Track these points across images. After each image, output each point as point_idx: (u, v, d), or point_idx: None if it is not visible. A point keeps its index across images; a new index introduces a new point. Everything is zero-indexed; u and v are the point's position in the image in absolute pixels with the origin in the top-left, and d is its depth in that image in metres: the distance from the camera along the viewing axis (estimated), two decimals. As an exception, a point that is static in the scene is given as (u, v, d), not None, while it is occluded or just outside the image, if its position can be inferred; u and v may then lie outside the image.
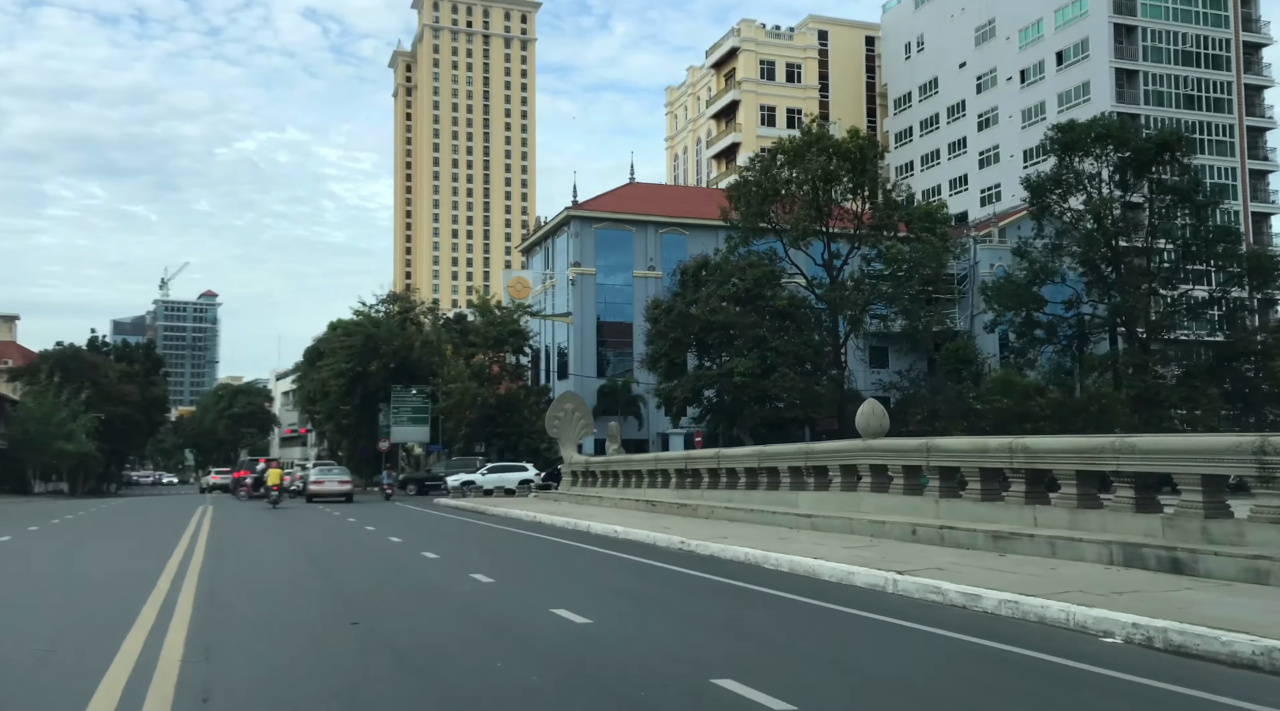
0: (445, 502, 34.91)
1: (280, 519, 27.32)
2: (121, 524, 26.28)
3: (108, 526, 25.14)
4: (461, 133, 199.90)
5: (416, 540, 18.90)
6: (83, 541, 19.33)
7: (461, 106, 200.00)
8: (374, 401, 54.49)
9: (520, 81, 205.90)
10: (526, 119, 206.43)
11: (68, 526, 24.58)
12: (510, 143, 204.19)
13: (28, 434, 58.42)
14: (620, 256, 60.00)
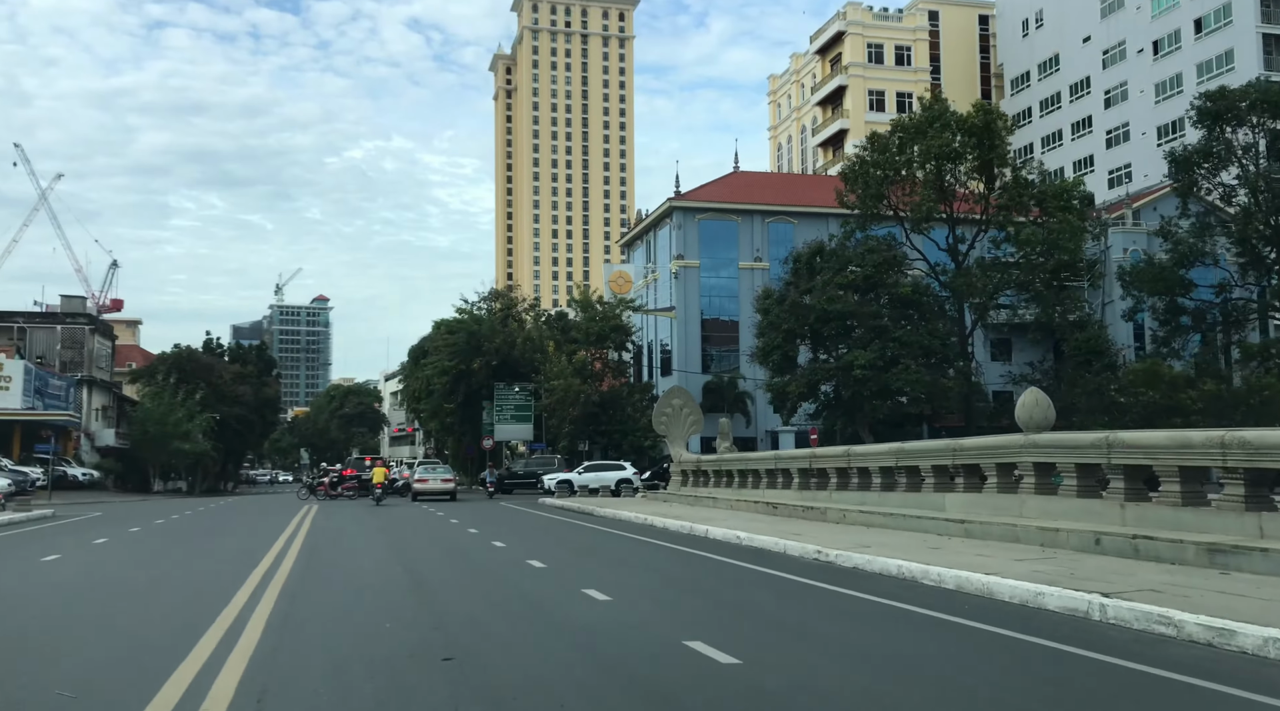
0: (550, 503, 33.56)
1: (382, 519, 26.32)
2: (224, 524, 25.63)
3: (210, 527, 24.47)
4: (561, 133, 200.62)
5: (521, 545, 17.37)
6: (177, 545, 18.44)
7: (560, 106, 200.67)
8: (477, 399, 53.77)
9: (619, 79, 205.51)
10: (625, 117, 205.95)
11: (170, 527, 23.98)
12: (609, 141, 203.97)
13: (147, 434, 59.74)
14: (725, 248, 58.00)
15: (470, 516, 26.84)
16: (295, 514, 28.58)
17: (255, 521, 26.09)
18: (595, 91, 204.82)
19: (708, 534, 18.90)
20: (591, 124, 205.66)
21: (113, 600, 10.86)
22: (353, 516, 27.51)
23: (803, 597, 10.93)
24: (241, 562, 13.84)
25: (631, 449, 49.79)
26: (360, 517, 26.73)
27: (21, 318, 61.49)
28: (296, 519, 25.78)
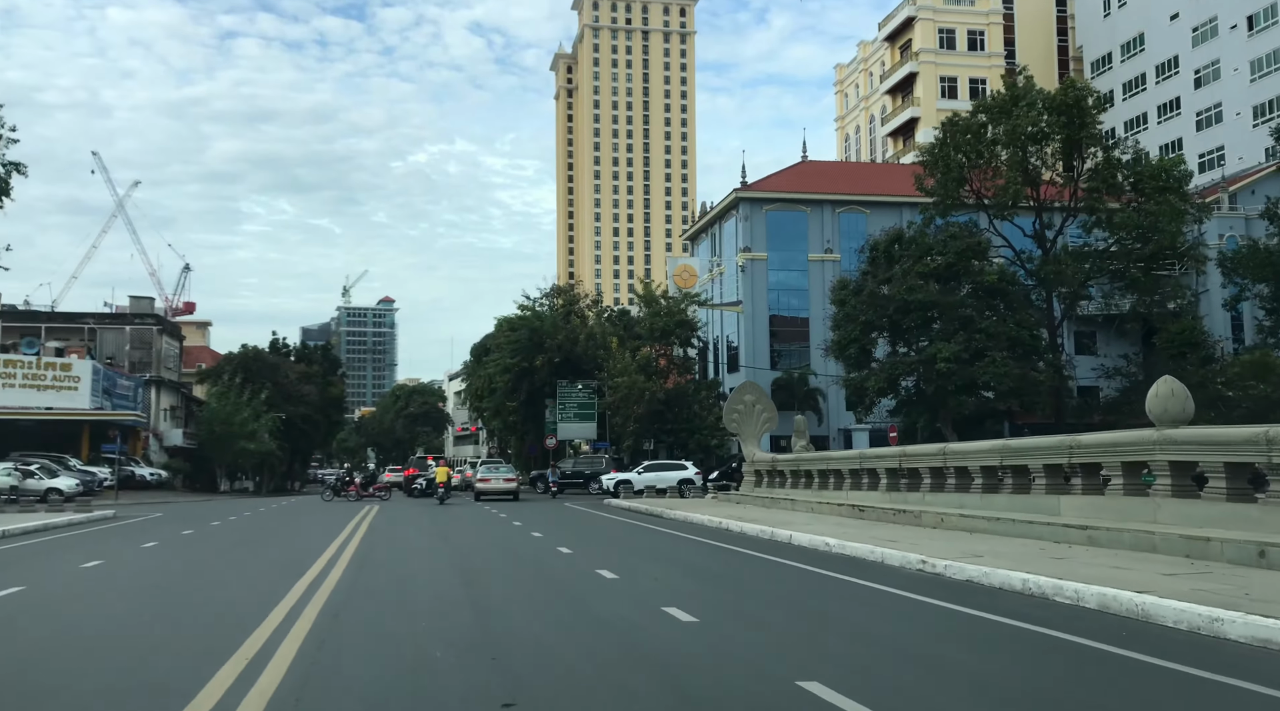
0: (616, 504, 32.18)
1: (442, 521, 25.21)
2: (280, 526, 24.74)
3: (265, 529, 23.57)
4: (622, 131, 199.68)
5: (589, 552, 15.98)
6: (224, 551, 17.42)
7: (621, 104, 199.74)
8: (540, 397, 52.71)
9: (680, 75, 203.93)
10: (686, 113, 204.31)
11: (225, 529, 23.11)
12: (670, 137, 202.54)
13: (213, 434, 59.88)
14: (793, 239, 56.07)
15: (533, 519, 25.58)
16: (354, 515, 27.63)
17: (312, 523, 25.14)
18: (656, 88, 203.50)
19: (791, 540, 17.30)
20: (653, 121, 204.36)
21: (135, 620, 9.68)
22: (413, 518, 26.45)
23: (921, 619, 9.31)
24: (286, 572, 12.65)
25: (698, 448, 48.24)
26: (420, 520, 25.65)
27: (91, 319, 62.13)
28: (355, 520, 24.77)
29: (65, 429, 48.24)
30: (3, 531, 21.61)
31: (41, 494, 39.20)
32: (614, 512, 28.53)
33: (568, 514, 28.37)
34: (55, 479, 42.21)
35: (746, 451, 29.28)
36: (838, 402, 55.05)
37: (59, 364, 48.33)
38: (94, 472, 45.48)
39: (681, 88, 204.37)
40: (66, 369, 48.20)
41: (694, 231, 63.36)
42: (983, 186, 36.93)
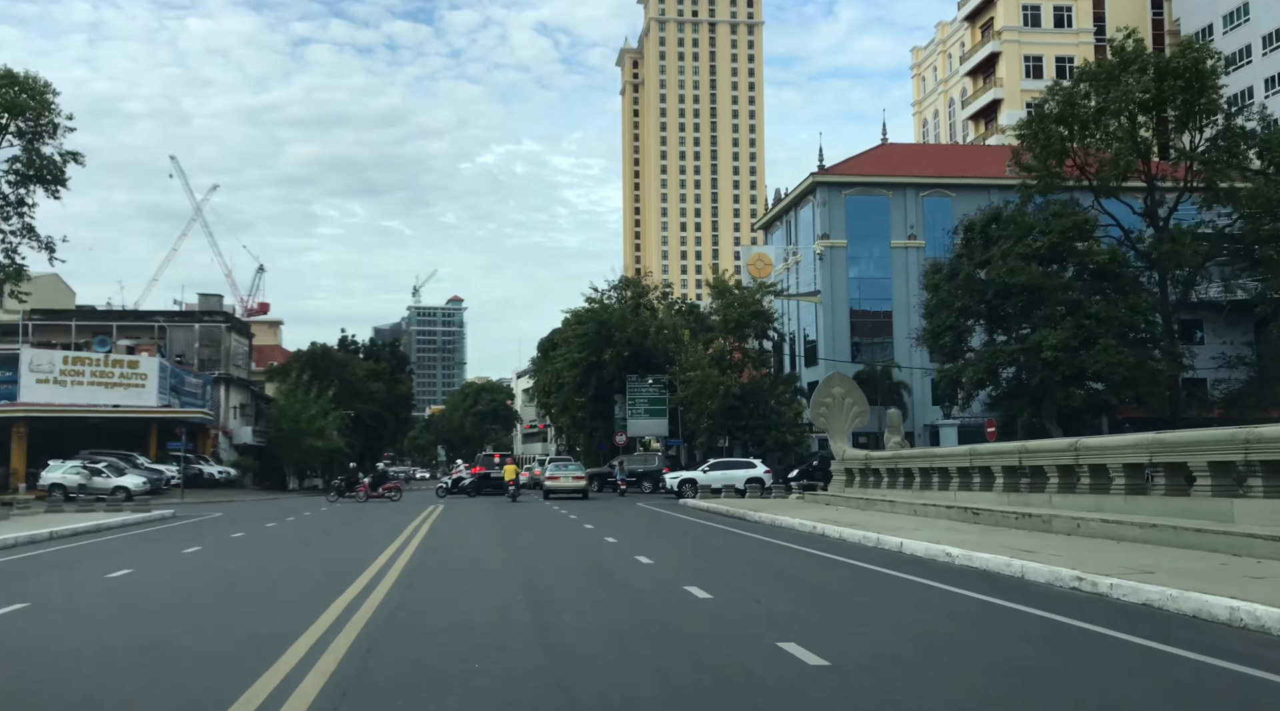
0: (692, 504, 30.12)
1: (508, 522, 23.47)
2: (338, 526, 23.25)
3: (321, 530, 22.08)
4: (689, 124, 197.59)
5: (672, 563, 13.96)
6: (273, 555, 15.84)
7: (689, 97, 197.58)
8: (609, 393, 50.88)
9: (748, 66, 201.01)
10: (755, 105, 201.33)
11: (279, 532, 21.66)
12: (738, 130, 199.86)
13: (281, 431, 59.36)
14: (874, 225, 53.36)
15: (605, 521, 23.68)
16: (417, 515, 26.05)
17: (371, 523, 23.59)
18: (724, 81, 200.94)
19: (902, 548, 15.05)
20: (720, 114, 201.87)
21: (138, 647, 7.91)
22: (477, 520, 24.76)
23: (1118, 662, 7.07)
24: (325, 588, 10.87)
25: (775, 445, 45.91)
26: (485, 522, 23.94)
27: (161, 317, 62.14)
28: (416, 522, 23.14)
29: (133, 427, 47.90)
30: (49, 532, 20.44)
31: (109, 492, 38.69)
32: (690, 514, 26.49)
33: (640, 515, 26.42)
34: (123, 477, 41.71)
35: (835, 448, 26.96)
36: (923, 397, 52.22)
37: (126, 361, 48.01)
38: (161, 470, 44.99)
39: (750, 78, 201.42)
40: (134, 366, 47.84)
41: (768, 219, 60.94)
42: (1086, 161, 33.98)
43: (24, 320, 58.73)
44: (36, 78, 29.66)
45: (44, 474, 40.89)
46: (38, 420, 44.57)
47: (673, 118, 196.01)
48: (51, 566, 14.55)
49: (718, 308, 47.44)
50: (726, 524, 22.39)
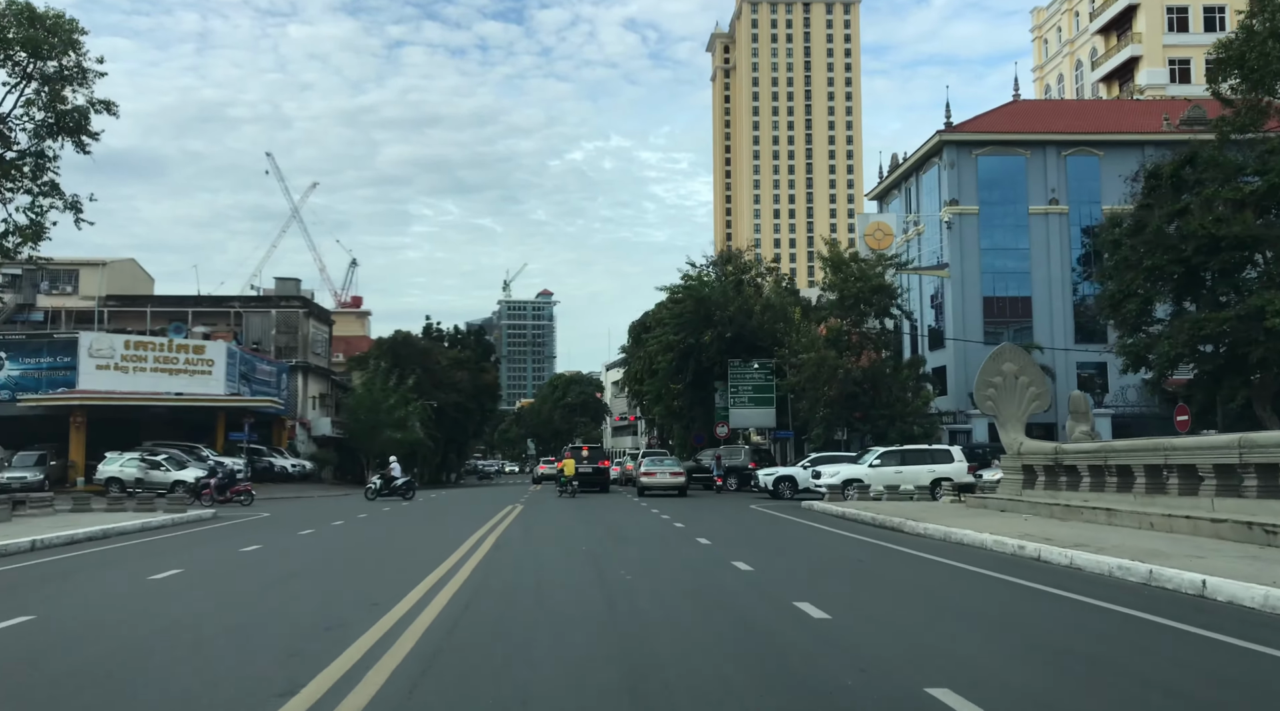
0: (820, 508, 24.82)
1: (597, 529, 18.65)
2: (401, 529, 18.89)
3: (379, 534, 17.67)
4: (782, 108, 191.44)
5: (857, 616, 8.78)
6: (272, 586, 11.26)
7: (782, 81, 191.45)
8: (708, 379, 45.67)
9: (844, 47, 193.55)
10: (851, 87, 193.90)
11: (316, 540, 17.28)
12: (834, 112, 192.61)
13: (359, 422, 55.98)
14: (1010, 189, 46.99)
15: (719, 531, 18.65)
16: (493, 516, 21.40)
17: (435, 529, 19.08)
18: (818, 63, 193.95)
19: (1205, 589, 9.56)
20: (815, 97, 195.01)
21: None
22: (554, 531, 19.94)
23: None
24: (365, 612, 6.09)
25: (900, 437, 40.01)
26: (564, 532, 19.14)
27: (237, 303, 59.39)
28: (484, 529, 18.46)
29: (199, 416, 44.78)
30: (31, 542, 16.38)
31: (169, 487, 35.40)
32: (822, 522, 21.22)
33: (755, 522, 21.26)
34: (183, 470, 38.47)
35: (1007, 439, 21.31)
36: (1067, 383, 45.72)
37: (191, 346, 44.88)
38: (226, 463, 41.60)
39: (845, 59, 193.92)
40: (199, 351, 44.67)
41: (884, 186, 54.86)
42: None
43: (99, 306, 56.62)
44: (61, 15, 26.00)
45: (100, 467, 37.88)
46: (97, 409, 41.64)
47: (765, 102, 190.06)
48: None
49: (833, 283, 41.83)
50: (878, 536, 17.10)
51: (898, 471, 28.24)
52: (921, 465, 28.68)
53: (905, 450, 31.00)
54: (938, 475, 28.12)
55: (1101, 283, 28.52)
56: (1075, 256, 46.84)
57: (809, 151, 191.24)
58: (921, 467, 28.40)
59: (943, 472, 28.33)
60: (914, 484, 26.89)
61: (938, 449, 31.63)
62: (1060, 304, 46.23)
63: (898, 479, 27.43)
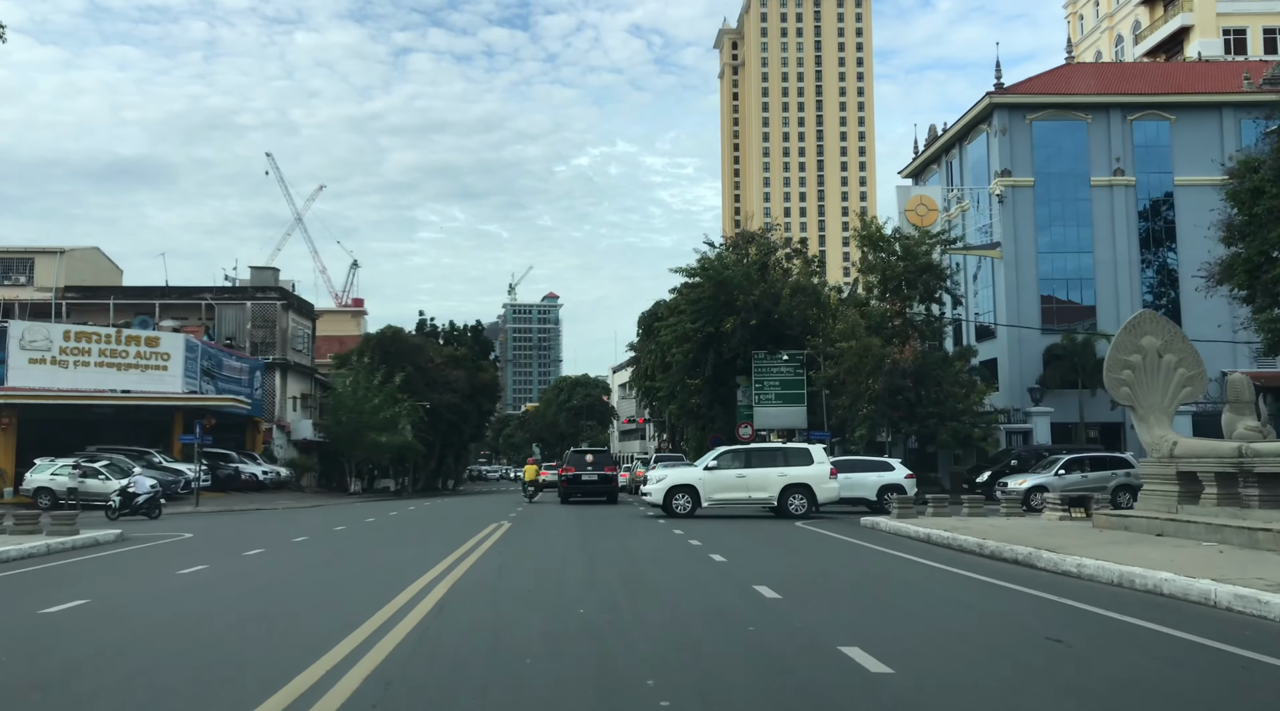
0: (887, 527, 19.50)
1: (597, 561, 13.39)
2: (319, 567, 13.64)
3: (282, 578, 12.42)
4: (793, 103, 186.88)
5: None
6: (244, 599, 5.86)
7: (792, 75, 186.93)
8: (730, 373, 40.31)
9: (855, 41, 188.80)
10: (863, 81, 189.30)
11: (235, 571, 12.08)
12: (845, 108, 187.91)
13: (339, 424, 50.82)
14: (1070, 159, 41.68)
15: (763, 561, 13.48)
16: (458, 547, 16.18)
17: (373, 564, 13.81)
18: (829, 57, 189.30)
19: None
20: (826, 92, 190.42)
21: None
22: (550, 557, 14.67)
23: None
24: None
25: (954, 439, 34.73)
26: (564, 558, 13.88)
27: (209, 294, 54.20)
28: (443, 565, 13.23)
29: (154, 417, 39.61)
30: None
31: (108, 498, 30.30)
32: (911, 550, 15.88)
33: (831, 554, 15.93)
34: (124, 480, 33.33)
35: (1151, 437, 15.89)
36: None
37: (144, 337, 39.71)
38: (182, 471, 36.48)
39: (857, 54, 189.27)
40: (153, 344, 39.49)
41: (920, 162, 49.47)
42: None
43: (56, 298, 51.55)
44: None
45: (28, 475, 32.73)
46: (30, 408, 36.48)
47: (775, 98, 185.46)
48: None
49: (873, 264, 36.49)
50: (1012, 577, 11.74)
51: (847, 479, 25.29)
52: (866, 474, 26.41)
53: (854, 460, 28.49)
54: (882, 483, 25.80)
55: (1231, 245, 23.08)
56: (1139, 233, 41.52)
57: (820, 148, 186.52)
58: (868, 476, 26.14)
59: (886, 481, 25.85)
60: (862, 493, 25.33)
61: (878, 460, 28.67)
62: (1127, 287, 40.86)
63: (846, 488, 24.72)
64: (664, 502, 24.01)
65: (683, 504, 23.79)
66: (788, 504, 23.55)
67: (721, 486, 23.81)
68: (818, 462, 24.04)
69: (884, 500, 25.00)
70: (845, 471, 25.63)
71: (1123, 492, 24.51)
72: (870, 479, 26.18)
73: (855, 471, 26.28)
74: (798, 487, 23.48)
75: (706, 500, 23.96)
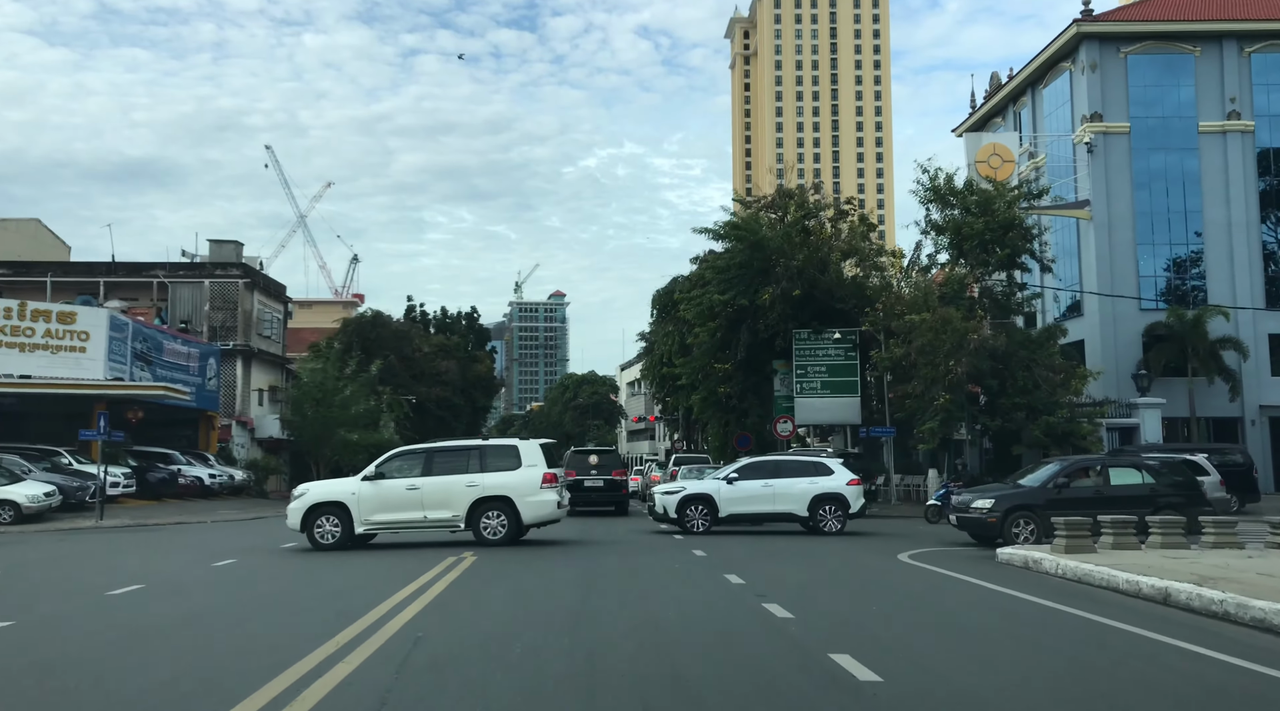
0: (1015, 556, 12.64)
1: (604, 631, 6.61)
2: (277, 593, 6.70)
3: (136, 641, 5.51)
4: (807, 92, 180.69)
5: None
6: None
7: (806, 63, 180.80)
8: (765, 356, 33.31)
9: (872, 28, 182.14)
10: (880, 69, 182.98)
11: (91, 616, 5.26)
12: (862, 97, 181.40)
13: (304, 418, 44.07)
14: (1172, 100, 34.69)
15: (876, 635, 6.53)
16: (390, 595, 9.36)
17: (263, 625, 6.94)
18: (845, 44, 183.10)
19: None
20: (842, 80, 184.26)
21: None
22: (527, 629, 7.77)
23: None
24: None
25: (1048, 437, 27.67)
26: (552, 625, 7.03)
27: (162, 271, 47.45)
28: (352, 629, 6.27)
29: (71, 408, 32.82)
30: None
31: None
32: (1113, 614, 9.04)
33: (988, 624, 9.12)
34: (17, 485, 26.69)
35: None
36: (1258, 358, 33.45)
37: (55, 313, 32.93)
38: (91, 474, 29.67)
39: (875, 41, 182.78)
40: (68, 320, 32.72)
41: (981, 114, 42.41)
42: None
43: (-16, 274, 44.98)
44: None
45: (-110, 480, 26.04)
46: (-93, 397, 29.79)
47: (789, 87, 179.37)
48: None
49: (944, 223, 29.54)
50: None
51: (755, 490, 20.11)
52: (785, 481, 20.41)
53: (759, 462, 22.36)
54: (816, 493, 20.04)
55: None
56: (1259, 188, 34.56)
57: (835, 138, 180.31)
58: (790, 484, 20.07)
59: (823, 489, 19.97)
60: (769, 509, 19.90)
61: (812, 460, 22.03)
62: (1244, 252, 33.93)
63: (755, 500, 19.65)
64: None
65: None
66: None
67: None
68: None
69: (818, 516, 19.49)
70: (763, 476, 20.23)
71: (825, 506, 19.79)
72: (799, 487, 19.85)
73: (778, 476, 20.20)
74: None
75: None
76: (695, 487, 20.63)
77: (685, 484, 21.87)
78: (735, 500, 19.83)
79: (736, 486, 19.98)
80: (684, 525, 19.81)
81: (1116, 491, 16.89)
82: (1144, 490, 16.96)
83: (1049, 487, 17.10)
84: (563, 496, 17.44)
